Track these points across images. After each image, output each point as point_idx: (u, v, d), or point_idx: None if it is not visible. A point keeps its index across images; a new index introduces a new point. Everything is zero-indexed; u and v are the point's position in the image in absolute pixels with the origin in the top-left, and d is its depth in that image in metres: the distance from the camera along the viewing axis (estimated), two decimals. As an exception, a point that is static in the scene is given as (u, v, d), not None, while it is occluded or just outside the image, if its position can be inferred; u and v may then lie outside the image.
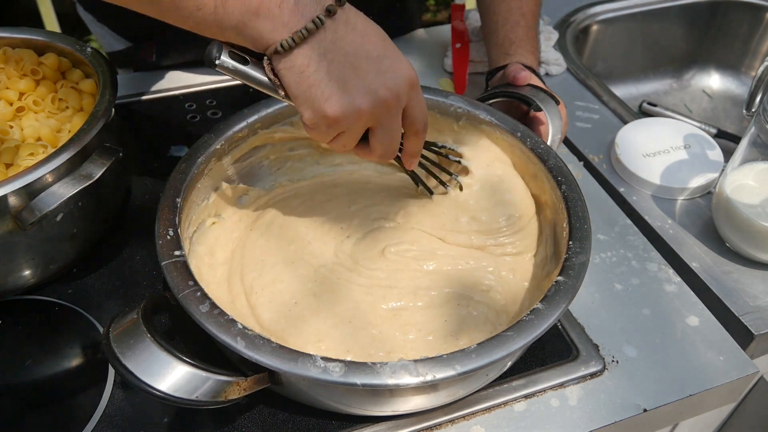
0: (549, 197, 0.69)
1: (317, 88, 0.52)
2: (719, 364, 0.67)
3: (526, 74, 0.80)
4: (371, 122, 0.56)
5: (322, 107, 0.53)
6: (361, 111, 0.53)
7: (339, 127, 0.54)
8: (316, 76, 0.52)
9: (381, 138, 0.57)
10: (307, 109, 0.54)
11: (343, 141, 0.57)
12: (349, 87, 0.53)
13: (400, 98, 0.55)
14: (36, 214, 0.61)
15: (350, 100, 0.53)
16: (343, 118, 0.53)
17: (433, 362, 0.51)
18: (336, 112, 0.53)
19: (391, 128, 0.57)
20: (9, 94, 0.73)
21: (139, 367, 0.48)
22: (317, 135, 0.56)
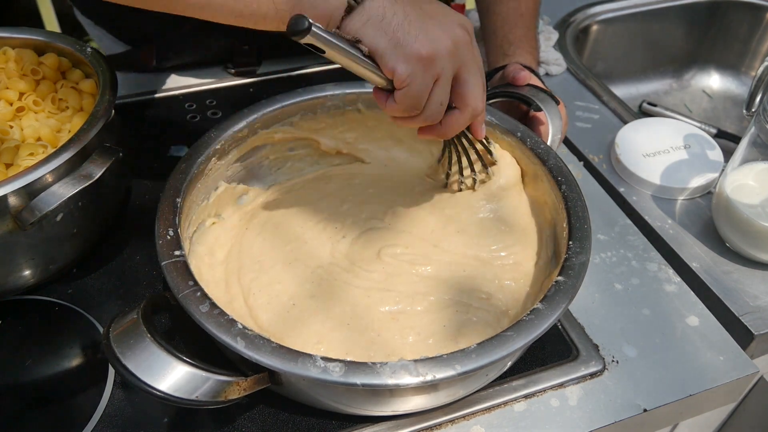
0: (549, 197, 0.69)
1: (402, 31, 0.51)
2: (719, 364, 0.67)
3: (525, 74, 0.80)
4: (457, 62, 0.54)
5: (414, 47, 0.51)
6: (448, 47, 0.52)
7: (434, 68, 0.52)
8: (395, 20, 0.51)
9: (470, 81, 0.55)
10: (399, 57, 0.51)
11: (440, 93, 0.54)
12: (430, 26, 0.52)
13: (470, 35, 0.55)
14: (36, 214, 0.61)
15: (435, 37, 0.52)
16: (436, 54, 0.51)
17: (433, 362, 0.51)
18: (428, 49, 0.51)
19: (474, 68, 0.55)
20: (9, 94, 0.73)
21: (139, 367, 0.48)
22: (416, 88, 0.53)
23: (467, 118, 0.57)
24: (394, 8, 0.51)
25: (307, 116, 0.76)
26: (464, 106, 0.56)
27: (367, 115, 0.78)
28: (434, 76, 0.53)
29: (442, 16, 0.53)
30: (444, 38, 0.52)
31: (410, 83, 0.53)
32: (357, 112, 0.77)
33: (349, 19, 0.51)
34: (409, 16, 0.51)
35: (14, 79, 0.74)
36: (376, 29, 0.51)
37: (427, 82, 0.53)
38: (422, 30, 0.51)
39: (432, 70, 0.52)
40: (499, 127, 0.73)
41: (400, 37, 0.51)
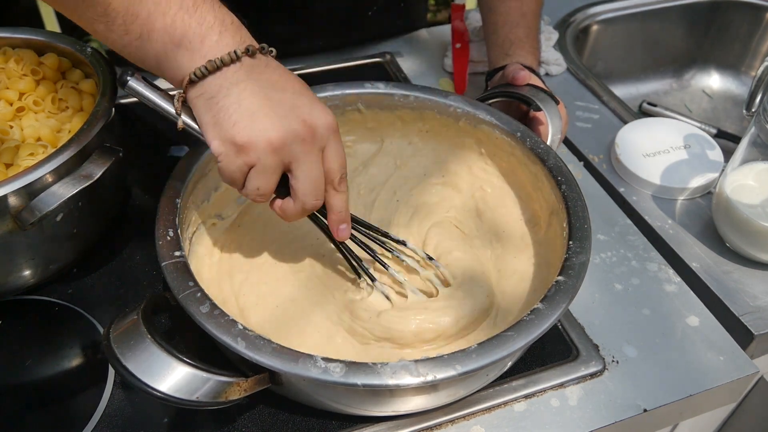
0: (549, 197, 0.69)
1: (225, 113, 0.51)
2: (719, 364, 0.67)
3: (525, 74, 0.80)
4: (286, 157, 0.53)
5: (229, 132, 0.51)
6: (271, 139, 0.51)
7: (248, 156, 0.52)
8: (225, 102, 0.51)
9: (300, 177, 0.54)
10: (214, 137, 0.52)
11: (256, 180, 0.53)
12: (259, 116, 0.51)
13: (316, 135, 0.53)
14: (36, 214, 0.61)
15: (260, 127, 0.51)
16: (252, 145, 0.51)
17: (434, 362, 0.51)
18: (244, 137, 0.51)
19: (309, 167, 0.54)
20: (9, 94, 0.73)
21: (140, 367, 0.48)
22: (227, 169, 0.53)
23: (299, 209, 0.56)
24: (231, 91, 0.51)
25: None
26: (294, 197, 0.56)
27: (367, 115, 0.78)
28: (247, 163, 0.52)
29: (286, 109, 0.52)
30: (270, 131, 0.51)
31: (222, 162, 0.53)
32: (357, 112, 0.77)
33: (190, 88, 0.52)
34: (243, 101, 0.51)
35: (14, 79, 0.74)
36: (204, 105, 0.52)
37: (238, 165, 0.52)
38: (248, 119, 0.51)
39: (244, 158, 0.52)
40: (499, 127, 0.73)
41: (220, 119, 0.51)
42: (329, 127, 0.55)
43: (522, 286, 0.66)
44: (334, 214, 0.59)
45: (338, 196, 0.58)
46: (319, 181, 0.55)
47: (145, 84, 0.54)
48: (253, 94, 0.52)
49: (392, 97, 0.77)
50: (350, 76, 1.05)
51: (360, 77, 0.85)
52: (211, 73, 0.51)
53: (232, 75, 0.51)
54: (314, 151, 0.54)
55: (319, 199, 0.56)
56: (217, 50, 0.51)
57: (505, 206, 0.74)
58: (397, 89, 0.77)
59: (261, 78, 0.52)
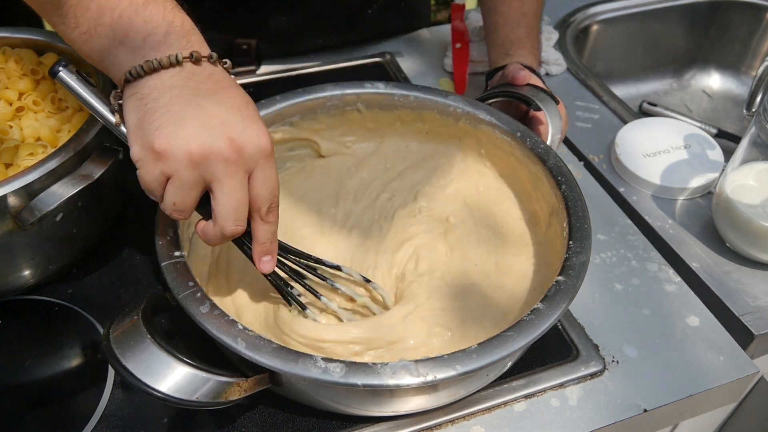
0: (549, 197, 0.69)
1: (151, 117, 0.49)
2: (719, 364, 0.67)
3: (525, 74, 0.80)
4: (206, 174, 0.50)
5: (150, 136, 0.49)
6: (190, 151, 0.48)
7: (165, 165, 0.49)
8: (154, 105, 0.49)
9: (219, 199, 0.51)
10: (136, 141, 0.50)
11: (173, 194, 0.50)
12: (186, 124, 0.49)
13: (243, 156, 0.50)
14: (36, 214, 0.61)
15: (183, 136, 0.48)
16: (170, 153, 0.48)
17: (434, 362, 0.51)
18: (163, 144, 0.48)
19: (230, 189, 0.50)
20: (9, 94, 0.73)
21: (139, 368, 0.48)
22: (145, 177, 0.50)
23: (218, 234, 0.52)
24: (162, 94, 0.49)
25: (307, 116, 0.76)
26: (214, 221, 0.52)
27: (366, 115, 0.78)
28: (164, 173, 0.50)
29: (215, 123, 0.49)
30: (191, 145, 0.48)
31: (139, 168, 0.51)
32: (357, 112, 0.77)
33: (126, 86, 0.51)
34: (172, 107, 0.49)
35: (14, 79, 0.74)
36: (134, 106, 0.50)
37: (155, 175, 0.50)
38: (172, 124, 0.48)
39: (161, 166, 0.49)
40: (499, 127, 0.73)
41: (145, 122, 0.49)
42: (260, 151, 0.51)
43: (522, 286, 0.66)
44: (258, 245, 0.55)
45: (264, 227, 0.54)
46: (241, 207, 0.52)
47: (78, 78, 0.52)
48: (185, 102, 0.49)
49: (392, 97, 0.77)
50: (350, 75, 1.05)
51: (360, 77, 0.85)
52: (147, 74, 0.49)
53: (168, 79, 0.49)
54: (238, 173, 0.50)
55: (239, 226, 0.52)
56: (158, 52, 0.50)
57: (505, 206, 0.74)
58: (397, 89, 0.77)
59: (199, 87, 0.50)
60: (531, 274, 0.68)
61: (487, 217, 0.73)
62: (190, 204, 0.51)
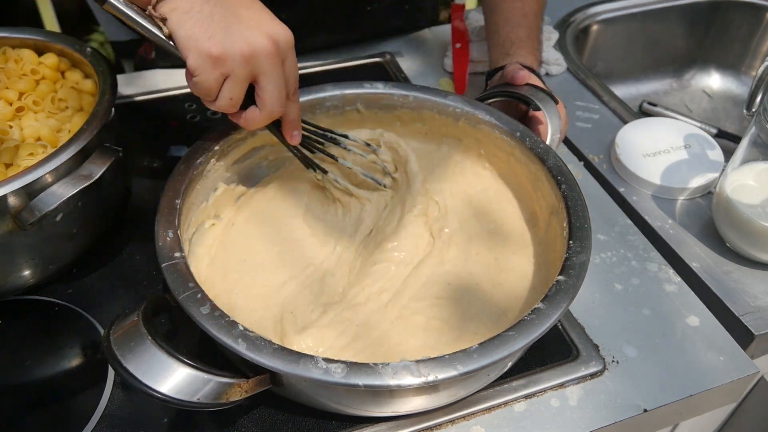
0: (548, 197, 0.69)
1: (200, 27, 0.55)
2: (719, 364, 0.67)
3: (524, 74, 0.80)
4: (255, 68, 0.57)
5: (205, 44, 0.55)
6: (243, 52, 0.55)
7: (224, 66, 0.56)
8: (199, 17, 0.55)
9: (267, 87, 0.58)
10: (190, 50, 0.55)
11: (230, 90, 0.57)
12: (232, 29, 0.55)
13: (280, 48, 0.58)
14: (36, 214, 0.61)
15: (234, 40, 0.55)
16: (227, 56, 0.55)
17: (435, 363, 0.51)
18: (219, 49, 0.55)
19: (275, 77, 0.58)
20: (9, 94, 0.73)
21: (140, 369, 0.48)
22: (203, 81, 0.56)
23: (265, 117, 0.60)
24: (204, 6, 0.55)
25: (307, 117, 0.76)
26: (262, 107, 0.60)
27: (366, 115, 0.78)
28: (223, 74, 0.57)
29: (253, 24, 0.57)
30: (241, 44, 0.55)
31: (198, 75, 0.56)
32: (356, 112, 0.77)
33: (162, 3, 0.56)
34: (215, 16, 0.55)
35: (14, 79, 0.74)
36: (179, 18, 0.55)
37: (214, 77, 0.56)
38: (221, 31, 0.55)
39: (220, 68, 0.56)
40: (498, 127, 0.73)
41: (196, 32, 0.55)
42: (288, 42, 0.59)
43: (522, 286, 0.66)
44: (288, 122, 0.64)
45: (292, 106, 0.63)
46: (284, 92, 0.60)
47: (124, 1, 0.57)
48: (224, 10, 0.56)
49: (391, 97, 0.77)
50: (350, 75, 1.05)
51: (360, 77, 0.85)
52: None
53: None
54: (279, 63, 0.58)
55: (283, 107, 0.61)
56: None
57: (505, 206, 0.74)
58: (396, 89, 0.77)
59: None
60: (531, 274, 0.68)
61: (487, 216, 0.73)
62: (242, 96, 0.59)
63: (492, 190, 0.76)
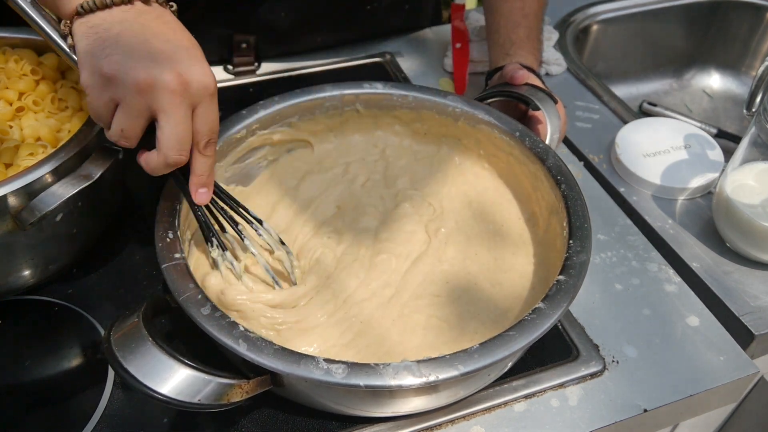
0: (548, 196, 0.69)
1: (102, 44, 0.52)
2: (719, 364, 0.67)
3: (523, 73, 0.80)
4: (152, 103, 0.52)
5: (100, 62, 0.52)
6: (138, 80, 0.51)
7: (114, 90, 0.52)
8: (105, 35, 0.53)
9: (165, 128, 0.53)
10: (86, 67, 0.53)
11: (121, 119, 0.54)
12: (135, 54, 0.52)
13: (188, 90, 0.53)
14: (36, 214, 0.61)
15: (131, 65, 0.51)
16: (118, 79, 0.51)
17: (436, 363, 0.51)
18: (112, 69, 0.51)
19: (175, 118, 0.53)
20: (9, 94, 0.72)
21: (141, 370, 0.48)
22: (94, 102, 0.54)
23: (161, 162, 0.55)
24: (112, 26, 0.53)
25: (306, 117, 0.76)
26: (158, 149, 0.55)
27: (364, 115, 0.78)
28: (113, 99, 0.53)
29: (163, 58, 0.52)
30: (139, 71, 0.51)
31: (88, 93, 0.54)
32: (355, 112, 0.77)
33: (76, 18, 0.54)
34: (122, 38, 0.52)
35: (14, 78, 0.74)
36: (84, 34, 0.53)
37: (104, 100, 0.53)
38: (122, 55, 0.52)
39: (110, 91, 0.53)
40: (498, 127, 0.73)
41: (95, 49, 0.52)
42: (205, 88, 0.54)
43: (522, 285, 0.66)
44: (195, 176, 0.59)
45: (202, 159, 0.58)
46: (185, 138, 0.55)
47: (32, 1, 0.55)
48: (134, 35, 0.52)
49: (390, 97, 0.77)
50: (350, 75, 1.05)
51: (360, 77, 0.85)
52: (99, 9, 0.53)
53: (119, 14, 0.53)
54: (183, 105, 0.53)
55: (182, 155, 0.55)
56: None
57: (505, 205, 0.74)
58: (395, 89, 0.77)
59: (148, 24, 0.53)
60: (531, 274, 0.68)
61: (487, 216, 0.73)
62: (137, 132, 0.54)
63: (491, 189, 0.76)
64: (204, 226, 0.62)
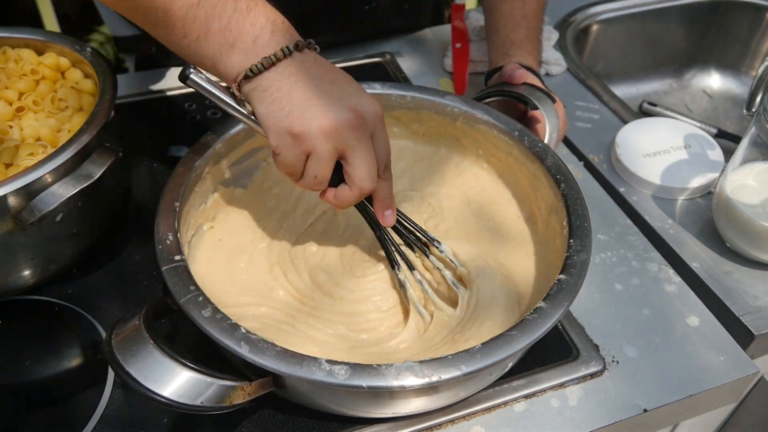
0: (547, 196, 0.68)
1: (280, 104, 0.54)
2: (719, 364, 0.67)
3: (522, 73, 0.80)
4: (339, 143, 0.55)
5: (284, 123, 0.54)
6: (323, 127, 0.53)
7: (304, 144, 0.54)
8: (279, 94, 0.54)
9: (355, 163, 0.56)
10: (270, 128, 0.55)
11: (314, 168, 0.56)
12: (312, 104, 0.54)
13: (366, 122, 0.55)
14: (36, 214, 0.61)
15: (312, 116, 0.53)
16: (307, 133, 0.53)
17: (438, 363, 0.51)
18: (299, 126, 0.53)
19: (364, 152, 0.56)
20: (9, 94, 0.73)
21: (142, 373, 0.48)
22: (286, 159, 0.55)
23: (355, 195, 0.58)
24: (282, 83, 0.54)
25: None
26: (351, 184, 0.57)
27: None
28: (305, 151, 0.55)
29: (335, 98, 0.54)
30: (321, 119, 0.53)
31: (280, 153, 0.55)
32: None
33: (245, 82, 0.55)
34: (294, 92, 0.54)
35: (14, 78, 0.74)
36: (259, 97, 0.55)
37: (296, 154, 0.55)
38: (300, 107, 0.54)
39: (301, 146, 0.54)
40: (497, 127, 0.73)
41: (274, 109, 0.54)
42: (376, 115, 0.57)
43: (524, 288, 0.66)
44: (379, 200, 0.61)
45: (383, 183, 0.60)
46: (374, 167, 0.57)
47: (205, 78, 0.57)
48: (304, 85, 0.54)
49: (389, 97, 0.76)
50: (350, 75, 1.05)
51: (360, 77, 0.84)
52: (267, 69, 0.54)
53: (284, 69, 0.54)
54: (366, 137, 0.56)
55: (375, 183, 0.57)
56: (269, 48, 0.54)
57: (504, 205, 0.74)
58: (394, 89, 0.77)
59: (310, 71, 0.55)
60: (531, 273, 0.68)
61: (486, 216, 0.73)
62: (328, 174, 0.56)
63: (490, 189, 0.76)
64: (388, 250, 0.64)
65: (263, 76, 0.54)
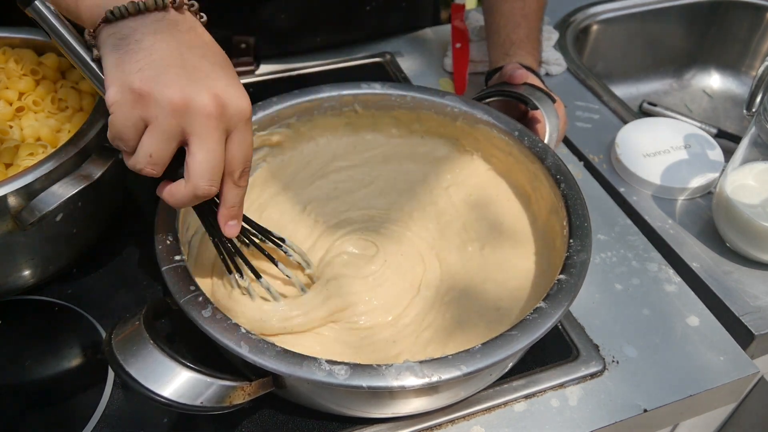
0: (547, 195, 0.68)
1: (134, 57, 0.47)
2: (719, 364, 0.67)
3: (522, 73, 0.80)
4: (186, 125, 0.48)
5: (132, 76, 0.46)
6: (174, 100, 0.46)
7: (146, 110, 0.47)
8: (137, 46, 0.47)
9: (197, 155, 0.48)
10: (114, 81, 0.47)
11: (150, 144, 0.48)
12: (170, 72, 0.47)
13: (225, 114, 0.49)
14: (36, 214, 0.61)
15: (166, 82, 0.46)
16: (152, 97, 0.46)
17: (438, 363, 0.51)
18: (145, 86, 0.46)
19: (208, 144, 0.48)
20: (9, 94, 0.72)
21: (142, 373, 0.48)
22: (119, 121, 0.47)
23: (189, 194, 0.50)
24: (145, 36, 0.47)
25: (304, 118, 0.76)
26: (187, 178, 0.49)
27: (363, 116, 0.78)
28: (143, 117, 0.47)
29: (201, 77, 0.48)
30: (176, 92, 0.46)
31: (114, 111, 0.48)
32: (354, 113, 0.77)
33: (103, 26, 0.48)
34: (155, 53, 0.47)
35: (14, 79, 0.74)
36: (113, 45, 0.48)
37: (133, 119, 0.47)
38: (156, 69, 0.47)
39: (141, 110, 0.47)
40: (497, 127, 0.73)
41: (125, 62, 0.47)
42: (241, 112, 0.50)
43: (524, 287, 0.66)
44: (226, 208, 0.54)
45: (235, 191, 0.53)
46: (218, 167, 0.50)
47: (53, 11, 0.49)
48: (169, 49, 0.47)
49: (389, 97, 0.76)
50: (350, 75, 1.05)
51: (360, 77, 0.85)
52: (131, 15, 0.48)
53: (151, 23, 0.48)
54: (218, 130, 0.49)
55: (213, 186, 0.50)
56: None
57: (504, 205, 0.74)
58: (394, 89, 0.76)
59: (183, 37, 0.49)
60: (531, 273, 0.68)
61: (486, 216, 0.73)
62: (166, 158, 0.49)
63: (490, 189, 0.76)
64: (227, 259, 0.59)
65: (125, 23, 0.47)
